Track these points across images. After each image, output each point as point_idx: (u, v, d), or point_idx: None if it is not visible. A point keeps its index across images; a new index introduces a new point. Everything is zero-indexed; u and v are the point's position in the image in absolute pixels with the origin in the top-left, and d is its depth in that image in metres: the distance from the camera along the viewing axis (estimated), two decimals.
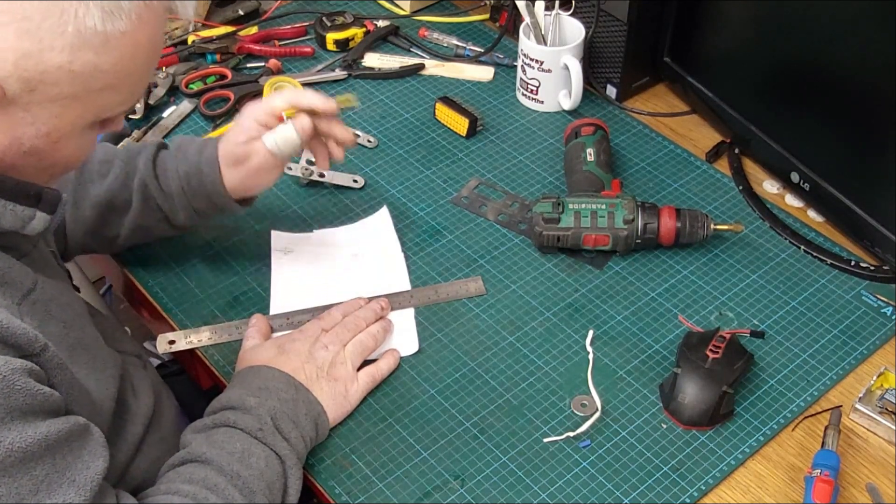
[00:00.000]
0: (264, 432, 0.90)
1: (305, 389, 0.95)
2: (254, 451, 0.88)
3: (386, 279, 1.12)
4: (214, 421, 0.91)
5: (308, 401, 0.95)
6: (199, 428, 0.92)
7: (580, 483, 0.94)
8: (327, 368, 0.98)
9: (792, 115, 1.18)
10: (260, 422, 0.90)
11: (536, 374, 1.03)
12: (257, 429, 0.90)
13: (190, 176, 1.04)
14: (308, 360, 0.98)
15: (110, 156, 1.07)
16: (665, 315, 1.09)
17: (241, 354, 1.02)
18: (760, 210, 1.21)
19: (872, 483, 0.94)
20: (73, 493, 0.73)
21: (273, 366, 0.96)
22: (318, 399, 0.96)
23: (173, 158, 1.05)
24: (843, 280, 1.13)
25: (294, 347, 0.99)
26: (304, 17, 1.49)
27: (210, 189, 1.03)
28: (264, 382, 0.94)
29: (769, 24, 1.17)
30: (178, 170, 1.04)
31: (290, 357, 0.98)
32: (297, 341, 1.00)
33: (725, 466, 0.95)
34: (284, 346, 1.00)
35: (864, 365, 1.05)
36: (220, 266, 1.15)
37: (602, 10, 1.30)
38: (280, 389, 0.94)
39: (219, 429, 0.90)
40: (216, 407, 0.94)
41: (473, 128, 1.31)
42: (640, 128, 1.33)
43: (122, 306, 1.87)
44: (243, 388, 0.94)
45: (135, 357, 0.99)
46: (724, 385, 0.97)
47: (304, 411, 0.94)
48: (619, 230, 1.12)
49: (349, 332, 1.02)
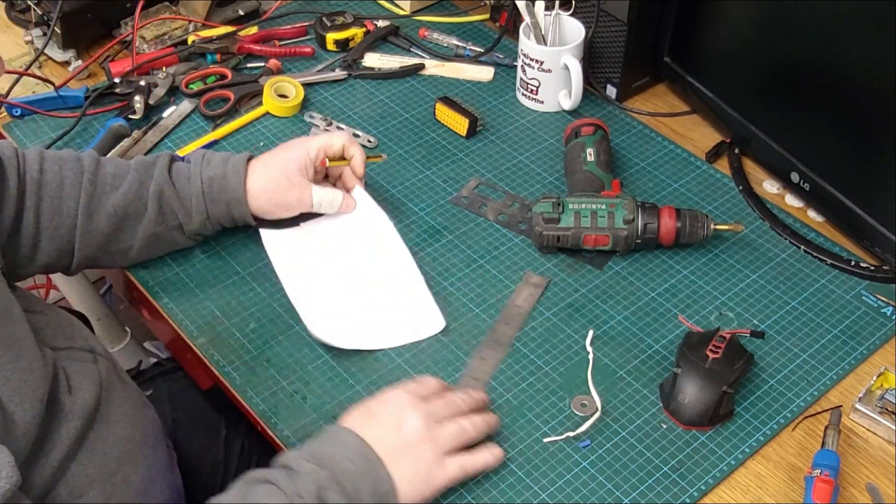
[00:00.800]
0: (303, 501, 0.83)
1: (379, 463, 0.86)
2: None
3: (380, 243, 1.12)
4: (265, 475, 0.86)
5: (377, 476, 0.86)
6: (249, 478, 0.87)
7: (580, 483, 0.94)
8: (415, 447, 0.88)
9: (792, 115, 1.18)
10: (304, 489, 0.83)
11: (536, 374, 1.03)
12: (297, 495, 0.83)
13: (213, 180, 1.07)
14: (393, 430, 0.88)
15: (123, 168, 1.08)
16: (665, 315, 1.09)
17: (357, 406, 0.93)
18: (760, 210, 1.21)
19: (872, 483, 0.94)
20: None
21: (355, 431, 0.88)
22: (391, 476, 0.86)
23: (196, 164, 1.09)
24: (843, 280, 1.13)
25: (383, 413, 0.90)
26: (304, 17, 1.49)
27: (232, 197, 1.08)
28: (333, 449, 0.87)
29: (769, 24, 1.17)
30: (201, 174, 1.08)
31: (374, 423, 0.89)
32: (388, 405, 0.91)
33: (725, 466, 0.95)
34: (372, 409, 0.90)
35: (864, 365, 1.05)
36: (220, 266, 1.15)
37: (602, 10, 1.30)
38: (347, 459, 0.85)
39: (265, 485, 0.85)
40: (279, 462, 0.88)
41: (473, 128, 1.31)
42: (640, 128, 1.33)
43: (122, 306, 1.87)
44: (311, 449, 0.88)
45: (85, 352, 0.97)
46: (724, 385, 0.97)
47: (370, 487, 0.85)
48: (619, 230, 1.12)
49: (448, 410, 0.92)
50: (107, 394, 0.96)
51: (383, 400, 0.92)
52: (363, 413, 0.91)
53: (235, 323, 1.09)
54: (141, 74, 1.36)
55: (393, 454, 0.87)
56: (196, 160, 1.10)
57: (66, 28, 1.39)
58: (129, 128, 1.29)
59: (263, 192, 1.09)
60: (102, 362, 0.99)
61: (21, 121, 1.33)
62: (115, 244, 1.08)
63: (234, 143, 1.30)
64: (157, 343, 1.82)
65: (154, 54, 1.39)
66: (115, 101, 1.34)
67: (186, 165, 1.10)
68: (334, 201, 1.12)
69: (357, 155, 1.14)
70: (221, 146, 1.30)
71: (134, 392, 1.05)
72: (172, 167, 1.09)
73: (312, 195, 1.10)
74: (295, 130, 1.32)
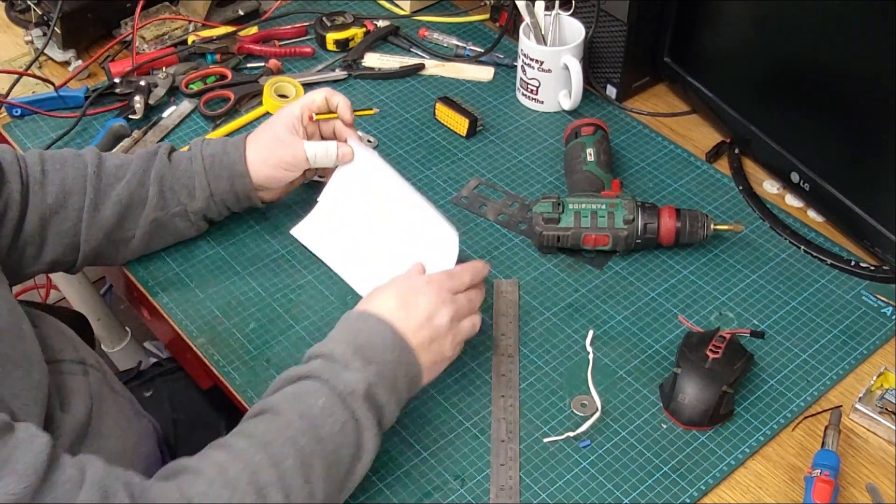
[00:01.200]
0: (355, 397, 0.87)
1: (412, 352, 0.93)
2: (335, 411, 0.86)
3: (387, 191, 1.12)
4: (308, 372, 0.89)
5: (409, 363, 0.92)
6: (290, 377, 0.90)
7: (580, 483, 0.94)
8: (439, 339, 0.95)
9: (792, 115, 1.18)
10: (355, 385, 0.88)
11: (536, 374, 1.03)
12: (348, 392, 0.87)
13: (214, 157, 1.09)
14: (426, 324, 0.94)
15: (125, 160, 1.10)
16: (665, 315, 1.09)
17: (374, 290, 0.98)
18: (760, 210, 1.21)
19: (872, 483, 0.94)
20: (15, 482, 0.71)
21: (389, 321, 0.93)
22: (419, 362, 0.93)
23: (196, 146, 1.11)
24: (843, 280, 1.13)
25: (417, 305, 0.94)
26: (304, 17, 1.49)
27: (233, 169, 1.09)
28: (369, 338, 0.91)
29: (769, 24, 1.17)
30: (201, 152, 1.10)
31: (409, 315, 0.94)
32: (422, 296, 0.95)
33: (725, 466, 0.95)
34: (408, 300, 0.95)
35: (864, 365, 1.05)
36: (220, 266, 1.15)
37: (602, 10, 1.30)
38: (386, 349, 0.91)
39: (309, 380, 0.89)
40: (317, 353, 0.91)
41: (473, 128, 1.31)
42: (640, 128, 1.33)
43: (122, 306, 1.88)
44: (349, 341, 0.91)
45: (75, 364, 0.96)
46: (724, 385, 0.97)
47: (404, 373, 0.92)
48: (619, 230, 1.12)
49: (469, 307, 0.98)
50: (97, 407, 0.95)
51: (416, 290, 0.96)
52: (396, 302, 0.95)
53: (235, 323, 1.09)
54: (141, 74, 1.36)
55: (423, 344, 0.94)
56: (195, 143, 1.12)
57: (66, 28, 1.39)
58: (129, 128, 1.29)
59: (260, 158, 1.10)
60: (93, 374, 0.99)
61: (21, 121, 1.33)
62: (119, 233, 1.08)
63: None
64: (157, 343, 1.82)
65: (154, 54, 1.39)
66: (115, 101, 1.34)
67: (187, 151, 1.12)
68: (329, 152, 1.11)
69: (341, 103, 1.13)
70: None
71: (125, 402, 1.04)
72: (172, 155, 1.11)
73: (305, 150, 1.10)
74: None
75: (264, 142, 1.11)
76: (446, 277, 0.98)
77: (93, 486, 0.74)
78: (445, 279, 0.98)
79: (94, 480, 0.75)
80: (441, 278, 0.98)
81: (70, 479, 0.74)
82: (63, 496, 0.72)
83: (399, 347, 0.92)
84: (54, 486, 0.73)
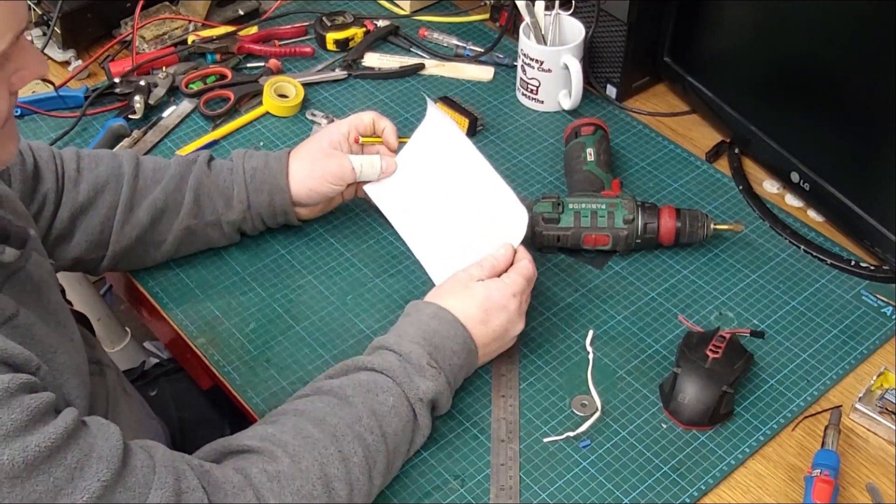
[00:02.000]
0: (422, 404, 0.91)
1: (476, 358, 0.98)
2: (401, 411, 0.90)
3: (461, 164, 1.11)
4: (382, 367, 0.91)
5: (471, 366, 0.98)
6: (361, 364, 0.92)
7: (580, 483, 0.94)
8: (504, 347, 1.01)
9: (792, 115, 1.18)
10: (424, 394, 0.91)
11: (536, 374, 1.03)
12: (418, 398, 0.91)
13: (256, 170, 1.09)
14: (498, 339, 0.99)
15: (163, 164, 1.10)
16: (665, 315, 1.09)
17: (457, 279, 1.00)
18: (760, 210, 1.21)
19: (872, 483, 0.94)
20: (105, 468, 0.73)
21: (467, 328, 0.96)
22: (477, 364, 0.99)
23: (238, 157, 1.10)
24: (843, 280, 1.13)
25: (497, 321, 0.97)
26: (304, 17, 1.49)
27: (273, 183, 1.08)
28: (444, 342, 0.94)
29: (769, 24, 1.17)
30: (244, 165, 1.09)
31: (487, 328, 0.97)
32: (504, 312, 0.98)
33: (725, 466, 0.95)
34: (491, 313, 0.97)
35: (864, 365, 1.05)
36: (220, 266, 1.15)
37: (602, 10, 1.30)
38: (456, 354, 0.95)
39: (383, 376, 0.91)
40: (391, 347, 0.93)
41: (473, 128, 1.31)
42: (640, 128, 1.33)
43: (122, 306, 1.87)
44: (423, 342, 0.93)
45: (93, 364, 0.97)
46: (724, 385, 0.97)
47: (464, 375, 0.97)
48: (619, 230, 1.12)
49: (527, 304, 1.02)
50: (113, 408, 0.96)
51: (501, 306, 0.98)
52: (481, 315, 0.97)
53: (235, 323, 1.09)
54: (141, 74, 1.36)
55: (489, 353, 1.00)
56: (238, 154, 1.12)
57: (65, 28, 1.39)
58: (128, 128, 1.29)
59: (304, 172, 1.09)
60: (110, 374, 0.99)
61: (21, 121, 1.33)
62: (151, 236, 1.08)
63: (234, 143, 1.30)
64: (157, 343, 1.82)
65: (154, 54, 1.39)
66: (115, 101, 1.34)
67: (228, 160, 1.11)
68: (374, 165, 1.11)
69: (387, 127, 1.14)
70: (221, 146, 1.30)
71: (137, 404, 1.05)
72: (212, 163, 1.11)
73: (352, 162, 1.09)
74: (295, 130, 1.32)
75: (309, 155, 1.10)
76: (527, 285, 1.00)
77: (165, 469, 0.77)
78: (526, 287, 1.00)
79: (164, 463, 0.77)
80: (524, 288, 1.00)
81: (144, 464, 0.76)
82: (143, 479, 0.75)
83: (468, 351, 0.96)
84: (134, 470, 0.75)
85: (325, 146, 1.10)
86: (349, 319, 1.09)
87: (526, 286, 1.00)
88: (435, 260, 1.08)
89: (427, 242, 1.10)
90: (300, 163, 1.10)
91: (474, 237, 1.06)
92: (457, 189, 1.10)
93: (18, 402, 0.70)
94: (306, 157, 1.10)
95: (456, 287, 0.99)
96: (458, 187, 1.10)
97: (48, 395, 0.73)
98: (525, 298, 1.00)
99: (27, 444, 0.69)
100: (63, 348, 0.84)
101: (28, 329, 0.80)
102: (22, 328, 0.80)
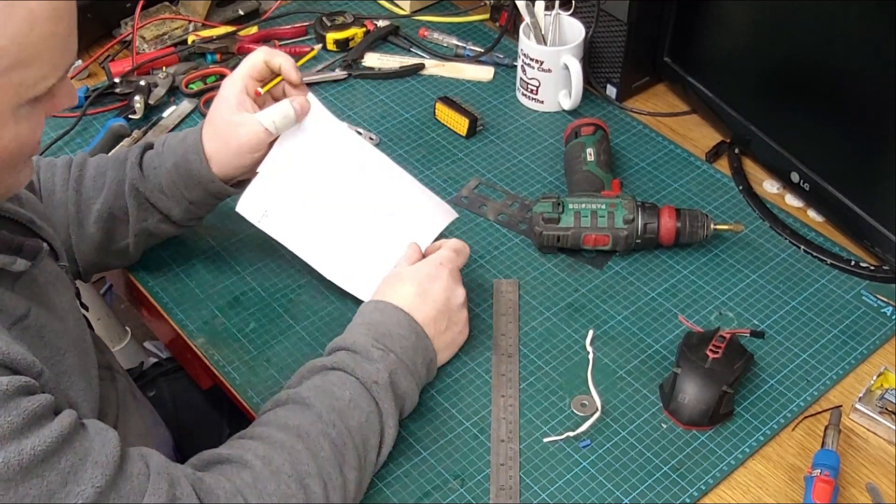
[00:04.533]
0: (379, 386, 0.91)
1: (427, 338, 0.98)
2: (360, 403, 0.90)
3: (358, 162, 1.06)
4: (333, 363, 0.92)
5: (425, 348, 0.97)
6: (315, 367, 0.93)
7: (580, 483, 0.94)
8: (455, 321, 1.01)
9: (792, 115, 1.18)
10: (377, 375, 0.92)
11: (536, 374, 1.03)
12: (373, 381, 0.91)
13: (178, 167, 1.02)
14: (443, 309, 0.99)
15: (102, 168, 1.06)
16: (665, 315, 1.09)
17: (388, 276, 1.02)
18: (760, 210, 1.21)
19: (872, 483, 0.94)
20: (99, 473, 0.73)
21: (407, 311, 0.97)
22: (434, 347, 0.98)
23: (159, 155, 1.04)
24: (843, 280, 1.13)
25: (434, 291, 0.99)
26: (304, 17, 1.49)
27: (199, 176, 1.02)
28: (388, 328, 0.95)
29: (769, 24, 1.17)
30: (164, 164, 1.03)
31: (427, 303, 0.98)
32: (438, 281, 0.99)
33: (725, 466, 0.95)
34: (425, 287, 0.99)
35: (864, 365, 1.05)
36: (220, 266, 1.15)
37: (602, 10, 1.30)
38: (403, 337, 0.95)
39: (335, 372, 0.92)
40: (339, 345, 0.95)
41: (473, 128, 1.31)
42: (640, 128, 1.33)
43: (122, 306, 1.87)
44: (368, 331, 0.95)
45: (104, 369, 0.96)
46: (724, 385, 0.97)
47: (421, 359, 0.97)
48: (619, 230, 1.12)
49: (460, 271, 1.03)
50: (123, 415, 0.96)
51: (432, 276, 1.00)
52: (414, 290, 0.98)
53: (235, 323, 1.09)
54: (141, 74, 1.36)
55: (439, 332, 0.99)
56: (158, 148, 1.05)
57: None
58: (129, 128, 1.29)
59: (220, 153, 1.01)
60: (121, 381, 0.99)
61: None
62: (111, 245, 1.07)
63: None
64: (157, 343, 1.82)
65: (154, 54, 1.39)
66: (115, 101, 1.34)
67: (156, 154, 1.05)
68: (287, 114, 1.01)
69: (284, 62, 1.03)
70: None
71: (146, 410, 1.05)
72: (144, 158, 1.05)
73: (261, 122, 1.00)
74: None
75: (217, 132, 1.02)
76: (455, 255, 1.02)
77: (160, 476, 0.77)
78: (455, 257, 1.02)
79: (158, 470, 0.77)
80: (451, 257, 1.02)
81: (140, 470, 0.76)
82: (138, 486, 0.75)
83: (415, 333, 0.97)
84: (130, 476, 0.75)
85: (226, 116, 1.01)
86: (349, 319, 1.08)
87: (453, 255, 1.02)
88: (359, 278, 1.06)
89: (343, 262, 1.06)
90: (213, 143, 1.01)
91: (392, 239, 1.04)
92: (359, 193, 1.05)
93: (15, 405, 0.70)
94: (215, 134, 1.01)
95: (389, 280, 1.01)
96: (360, 191, 1.05)
97: (46, 397, 0.73)
98: (456, 265, 1.02)
99: (22, 447, 0.69)
100: (72, 351, 0.84)
101: (38, 330, 0.80)
102: (32, 329, 0.79)
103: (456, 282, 1.01)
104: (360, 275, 1.06)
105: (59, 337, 0.83)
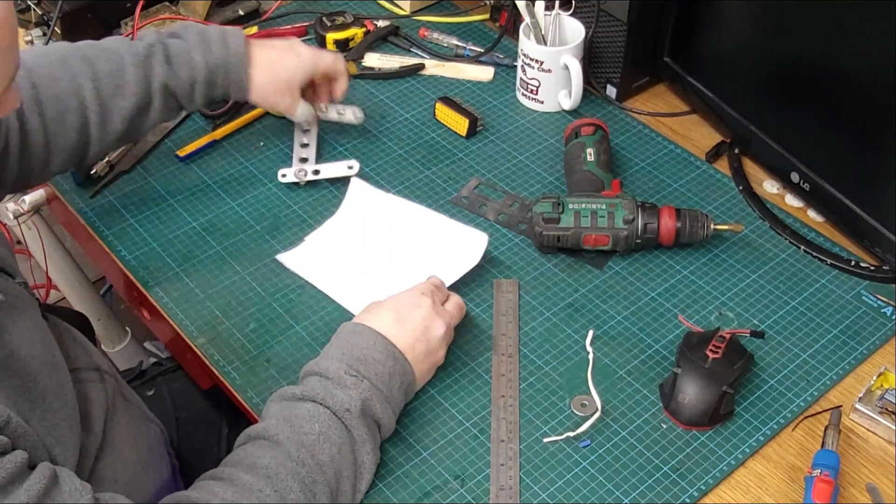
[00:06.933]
0: (351, 414, 0.90)
1: (406, 363, 0.96)
2: (331, 435, 0.88)
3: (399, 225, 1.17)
4: (304, 392, 0.91)
5: (403, 373, 0.95)
6: (286, 396, 0.92)
7: (580, 483, 0.94)
8: (433, 349, 0.99)
9: (792, 115, 1.18)
10: (350, 403, 0.90)
11: (536, 374, 1.03)
12: (345, 410, 0.90)
13: (217, 68, 1.12)
14: (422, 337, 0.97)
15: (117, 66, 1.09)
16: (665, 315, 1.09)
17: (370, 303, 1.01)
18: (760, 210, 1.21)
19: (872, 483, 0.94)
20: None
21: (386, 336, 0.96)
22: (413, 371, 0.96)
23: (196, 49, 1.12)
24: (843, 280, 1.13)
25: (413, 319, 0.98)
26: (304, 17, 1.49)
27: (235, 85, 1.14)
28: (364, 353, 0.94)
29: (769, 24, 1.17)
30: (205, 61, 1.11)
31: (405, 329, 0.97)
32: (418, 310, 0.98)
33: (725, 466, 0.95)
34: (404, 313, 0.98)
35: (864, 365, 1.05)
36: (220, 266, 1.15)
37: (602, 10, 1.30)
38: (378, 362, 0.93)
39: (305, 403, 0.90)
40: (312, 370, 0.93)
41: (473, 128, 1.31)
42: (640, 128, 1.33)
43: (122, 306, 1.87)
44: (343, 356, 0.93)
45: (92, 371, 0.96)
46: (724, 385, 0.97)
47: (398, 383, 0.95)
48: (619, 230, 1.12)
49: (458, 314, 1.03)
50: (111, 416, 0.95)
51: (412, 303, 0.99)
52: (393, 317, 0.98)
53: (235, 323, 1.09)
54: None
55: (417, 360, 0.97)
56: (194, 43, 1.12)
57: (66, 28, 1.39)
58: None
59: (263, 89, 1.16)
60: (109, 381, 0.99)
61: None
62: (130, 136, 1.13)
63: (234, 143, 1.30)
64: (157, 343, 1.82)
65: None
66: None
67: (184, 49, 1.11)
68: (309, 118, 1.24)
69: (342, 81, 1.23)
70: (222, 146, 1.30)
71: (135, 409, 1.04)
72: (171, 54, 1.11)
73: (298, 107, 1.19)
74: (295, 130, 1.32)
75: (278, 81, 1.16)
76: (435, 288, 1.02)
77: None
78: (436, 290, 1.02)
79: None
80: (432, 290, 1.01)
81: None
82: None
83: (392, 357, 0.95)
84: None
85: (293, 84, 1.17)
86: (349, 320, 1.08)
87: (434, 289, 1.02)
88: None
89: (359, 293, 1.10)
90: (265, 79, 1.15)
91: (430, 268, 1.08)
92: (399, 238, 1.14)
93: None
94: (274, 80, 1.16)
95: (371, 307, 1.01)
96: (399, 237, 1.15)
97: (19, 455, 0.73)
98: (438, 300, 1.01)
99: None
100: (43, 372, 0.83)
101: (4, 361, 0.79)
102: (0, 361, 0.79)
103: (438, 314, 0.99)
104: None
105: (28, 363, 0.82)
